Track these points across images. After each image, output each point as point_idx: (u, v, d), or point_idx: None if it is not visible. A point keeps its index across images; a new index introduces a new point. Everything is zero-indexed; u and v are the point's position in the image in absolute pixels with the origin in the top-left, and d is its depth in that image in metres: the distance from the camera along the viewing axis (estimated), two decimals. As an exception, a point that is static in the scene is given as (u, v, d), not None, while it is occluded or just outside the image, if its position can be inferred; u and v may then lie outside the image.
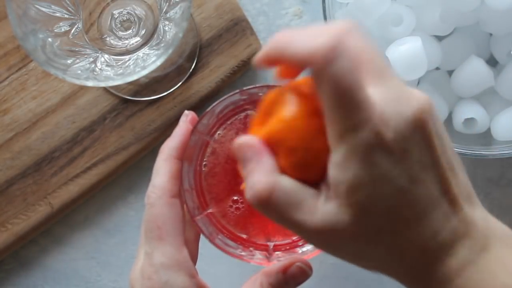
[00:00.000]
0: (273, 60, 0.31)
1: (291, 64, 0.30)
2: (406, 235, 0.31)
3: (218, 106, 0.42)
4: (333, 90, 0.29)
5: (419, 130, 0.30)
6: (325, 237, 0.31)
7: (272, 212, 0.31)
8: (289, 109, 0.31)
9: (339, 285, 0.57)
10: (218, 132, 0.44)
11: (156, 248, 0.39)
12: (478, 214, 0.32)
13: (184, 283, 0.39)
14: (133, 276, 0.40)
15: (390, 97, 0.30)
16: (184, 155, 0.41)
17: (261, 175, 0.31)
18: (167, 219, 0.40)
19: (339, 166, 0.30)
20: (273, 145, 0.32)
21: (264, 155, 0.31)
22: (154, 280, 0.39)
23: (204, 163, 0.44)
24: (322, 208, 0.30)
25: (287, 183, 0.31)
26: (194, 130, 0.42)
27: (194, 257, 0.43)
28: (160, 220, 0.39)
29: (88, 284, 0.57)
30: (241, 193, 0.44)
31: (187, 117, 0.42)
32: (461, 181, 0.32)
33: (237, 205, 0.44)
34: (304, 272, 0.41)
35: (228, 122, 0.44)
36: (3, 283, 0.57)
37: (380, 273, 0.33)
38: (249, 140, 0.32)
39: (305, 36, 0.29)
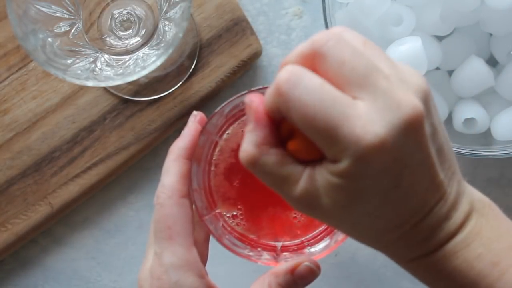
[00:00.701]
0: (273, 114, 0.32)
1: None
2: (383, 235, 0.32)
3: (227, 106, 0.42)
4: (304, 119, 0.29)
5: (411, 137, 0.29)
6: (304, 207, 0.32)
7: (256, 176, 0.32)
8: None
9: (339, 285, 0.57)
10: (227, 132, 0.44)
11: (166, 248, 0.39)
12: (460, 190, 0.33)
13: (193, 284, 0.39)
14: (142, 276, 0.40)
15: (377, 107, 0.29)
16: (193, 155, 0.41)
17: (247, 145, 0.32)
18: (177, 219, 0.39)
19: (328, 170, 0.30)
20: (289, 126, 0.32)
21: (260, 125, 0.32)
22: (163, 280, 0.39)
23: (213, 163, 0.44)
24: (302, 184, 0.31)
25: (268, 161, 0.31)
26: (203, 130, 0.42)
27: (203, 257, 0.43)
28: (170, 220, 0.39)
29: (89, 284, 0.57)
30: (249, 193, 0.44)
31: (196, 117, 0.42)
32: (448, 163, 0.32)
33: (245, 205, 0.44)
34: (312, 272, 0.41)
35: (237, 122, 0.44)
36: (3, 283, 0.57)
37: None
38: (255, 104, 0.32)
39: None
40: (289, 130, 0.32)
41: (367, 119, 0.29)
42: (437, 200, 0.32)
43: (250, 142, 0.32)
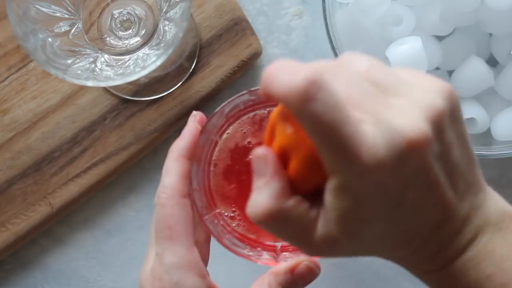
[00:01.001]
0: (267, 96, 0.29)
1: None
2: (397, 251, 0.32)
3: (227, 106, 0.42)
4: (315, 129, 0.27)
5: (413, 160, 0.28)
6: (324, 252, 0.31)
7: (270, 230, 0.31)
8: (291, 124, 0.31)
9: (339, 285, 0.57)
10: (227, 132, 0.44)
11: (167, 249, 0.39)
12: (475, 203, 0.32)
13: (194, 284, 0.39)
14: (143, 276, 0.40)
15: (380, 128, 0.28)
16: (193, 155, 0.41)
17: (266, 198, 0.30)
18: (178, 219, 0.39)
19: (333, 193, 0.29)
20: (281, 155, 0.31)
21: (276, 176, 0.30)
22: (164, 280, 0.39)
23: (213, 162, 0.44)
24: (320, 229, 0.30)
25: (290, 212, 0.30)
26: (203, 130, 0.42)
27: (205, 257, 0.43)
28: (171, 220, 0.39)
29: (88, 284, 0.57)
30: (248, 193, 0.44)
31: (196, 117, 0.42)
32: (462, 178, 0.31)
33: (244, 206, 0.44)
34: (312, 271, 0.41)
35: (237, 122, 0.44)
36: (3, 283, 0.57)
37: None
38: (267, 156, 0.30)
39: (284, 73, 0.27)
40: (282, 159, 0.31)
41: (369, 141, 0.28)
42: (446, 216, 0.31)
43: (266, 195, 0.30)
